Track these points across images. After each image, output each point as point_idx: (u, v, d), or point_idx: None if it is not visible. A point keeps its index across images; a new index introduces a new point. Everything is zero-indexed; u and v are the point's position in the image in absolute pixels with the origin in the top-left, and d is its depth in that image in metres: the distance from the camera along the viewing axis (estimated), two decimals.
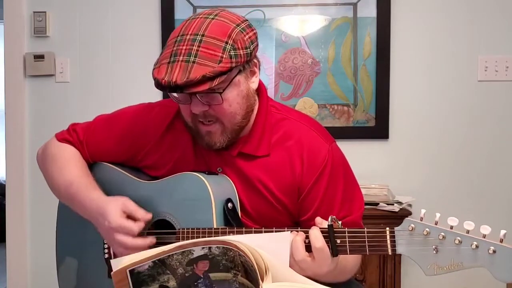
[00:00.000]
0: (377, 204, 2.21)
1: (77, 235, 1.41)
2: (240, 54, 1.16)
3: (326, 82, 2.54)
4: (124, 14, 2.61)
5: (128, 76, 2.62)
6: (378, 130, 2.52)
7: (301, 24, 2.55)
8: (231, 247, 0.97)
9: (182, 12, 2.56)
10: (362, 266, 2.16)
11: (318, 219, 1.13)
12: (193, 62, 1.12)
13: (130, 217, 1.21)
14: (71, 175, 1.35)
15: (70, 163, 1.39)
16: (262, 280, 0.92)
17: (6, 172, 2.68)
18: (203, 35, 1.15)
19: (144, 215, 1.22)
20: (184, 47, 1.14)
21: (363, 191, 2.28)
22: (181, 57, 1.13)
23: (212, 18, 1.18)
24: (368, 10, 2.50)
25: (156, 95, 2.55)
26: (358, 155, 2.43)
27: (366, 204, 2.20)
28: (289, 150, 1.28)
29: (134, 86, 2.60)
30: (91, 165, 1.45)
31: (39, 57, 2.59)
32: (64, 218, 1.46)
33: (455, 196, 2.49)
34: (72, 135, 1.44)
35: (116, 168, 1.41)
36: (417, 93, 2.52)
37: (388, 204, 2.21)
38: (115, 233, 1.19)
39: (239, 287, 0.98)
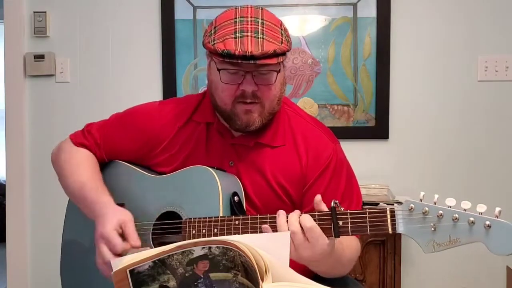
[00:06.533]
0: (377, 204, 2.21)
1: (83, 234, 1.42)
2: (290, 42, 1.27)
3: (326, 82, 2.54)
4: (124, 14, 2.61)
5: (128, 76, 2.62)
6: (378, 130, 2.52)
7: (301, 24, 2.55)
8: (231, 247, 0.97)
9: (182, 12, 2.55)
10: (362, 266, 2.16)
11: (317, 198, 1.13)
12: (262, 38, 1.20)
13: (122, 235, 1.20)
14: (83, 178, 1.37)
15: (83, 166, 1.41)
16: (262, 280, 0.92)
17: (6, 172, 2.67)
18: (262, 19, 1.23)
19: (134, 241, 1.19)
20: (249, 26, 1.21)
21: (363, 191, 2.32)
22: (249, 33, 1.20)
23: (262, 8, 1.26)
24: (368, 10, 2.50)
25: (156, 95, 2.56)
26: (358, 155, 2.43)
27: (366, 204, 2.21)
28: (297, 145, 1.34)
29: (134, 86, 2.60)
30: (104, 164, 1.47)
31: (39, 57, 2.59)
32: (71, 216, 1.48)
33: (455, 196, 2.48)
34: (87, 138, 1.46)
35: (126, 163, 1.44)
36: (417, 93, 2.52)
37: (388, 204, 2.21)
38: (101, 241, 1.19)
39: (239, 287, 0.98)
